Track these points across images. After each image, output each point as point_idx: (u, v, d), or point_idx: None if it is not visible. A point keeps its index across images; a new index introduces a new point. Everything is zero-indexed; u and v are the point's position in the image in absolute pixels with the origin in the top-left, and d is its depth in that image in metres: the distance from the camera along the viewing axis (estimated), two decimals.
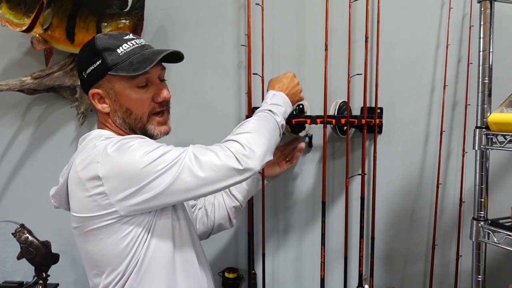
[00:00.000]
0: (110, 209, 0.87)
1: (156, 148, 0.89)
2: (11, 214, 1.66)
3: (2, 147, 1.71)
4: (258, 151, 0.93)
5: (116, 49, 0.95)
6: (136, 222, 0.91)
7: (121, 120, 0.99)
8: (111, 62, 0.94)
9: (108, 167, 0.86)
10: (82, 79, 1.00)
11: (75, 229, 0.97)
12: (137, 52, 0.97)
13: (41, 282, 1.49)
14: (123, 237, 0.91)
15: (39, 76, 1.53)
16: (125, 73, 0.94)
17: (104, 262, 0.93)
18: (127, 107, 0.97)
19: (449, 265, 1.48)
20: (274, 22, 1.51)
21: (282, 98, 1.13)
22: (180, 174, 0.86)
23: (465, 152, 1.40)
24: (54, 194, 1.00)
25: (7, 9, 1.38)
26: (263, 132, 0.98)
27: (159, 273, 0.95)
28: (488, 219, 1.08)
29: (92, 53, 0.95)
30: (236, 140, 0.94)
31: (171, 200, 0.89)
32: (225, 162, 0.89)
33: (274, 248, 1.60)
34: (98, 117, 1.03)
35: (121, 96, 0.97)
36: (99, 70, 0.95)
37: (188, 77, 1.57)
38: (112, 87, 0.96)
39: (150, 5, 1.53)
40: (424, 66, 1.45)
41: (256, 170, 0.92)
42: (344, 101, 1.41)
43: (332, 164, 1.53)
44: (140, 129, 1.00)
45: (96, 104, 0.99)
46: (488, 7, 1.04)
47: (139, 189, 0.86)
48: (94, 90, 0.97)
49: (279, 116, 1.07)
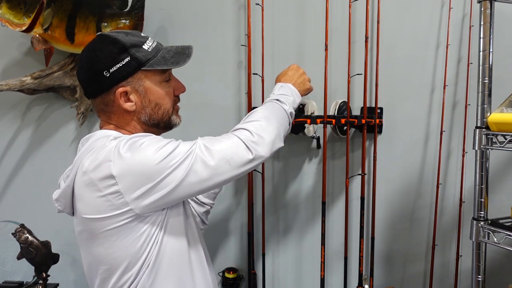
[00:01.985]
0: (124, 209, 0.86)
1: (167, 143, 0.88)
2: (11, 214, 1.66)
3: (2, 147, 1.71)
4: (268, 138, 0.94)
5: (142, 45, 0.94)
6: (151, 221, 0.90)
7: (147, 117, 0.97)
8: (144, 57, 0.93)
9: (121, 166, 0.85)
10: (101, 78, 0.93)
11: (81, 233, 0.94)
12: (160, 48, 0.98)
13: (41, 282, 1.49)
14: (138, 237, 0.89)
15: (39, 76, 1.53)
16: (165, 66, 0.95)
17: (116, 264, 0.91)
18: (156, 102, 0.97)
19: (449, 265, 1.48)
20: (274, 22, 1.51)
21: (290, 88, 1.13)
22: (193, 166, 0.86)
23: (465, 152, 1.40)
24: (58, 198, 0.96)
25: (7, 9, 1.38)
26: (272, 119, 0.99)
27: (173, 271, 0.94)
28: (488, 219, 1.08)
29: (117, 51, 0.92)
30: (245, 128, 0.95)
31: (187, 193, 0.89)
32: (235, 150, 0.89)
33: (274, 248, 1.60)
34: (114, 116, 0.98)
35: (151, 92, 0.96)
36: (130, 66, 0.92)
37: (188, 77, 1.56)
38: (142, 83, 0.95)
39: (150, 5, 1.53)
40: (424, 66, 1.45)
41: (266, 157, 0.93)
42: (344, 101, 1.41)
43: (332, 164, 1.53)
44: (165, 122, 1.00)
45: (122, 103, 0.95)
46: (488, 7, 1.04)
47: (154, 185, 0.85)
48: (122, 88, 0.93)
49: (287, 104, 1.07)
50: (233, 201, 1.61)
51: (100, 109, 0.99)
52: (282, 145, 1.00)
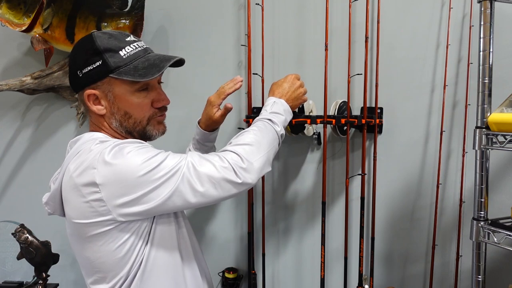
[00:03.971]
0: (107, 216, 0.86)
1: (154, 155, 0.86)
2: (11, 214, 1.66)
3: (2, 147, 1.71)
4: (257, 164, 0.92)
5: (118, 51, 0.92)
6: (134, 229, 0.90)
7: (118, 123, 0.96)
8: (114, 64, 0.91)
9: (105, 174, 0.83)
10: (76, 78, 0.94)
11: (71, 235, 0.95)
12: (140, 55, 0.95)
13: (41, 282, 1.49)
14: (122, 245, 0.89)
15: (39, 76, 1.53)
16: (130, 77, 0.91)
17: (105, 268, 0.91)
18: (125, 111, 0.95)
19: (449, 265, 1.48)
20: (274, 22, 1.51)
21: (283, 105, 1.10)
22: (179, 186, 0.85)
23: (465, 152, 1.40)
24: (47, 201, 0.96)
25: (7, 9, 1.38)
26: (263, 144, 0.97)
27: (162, 281, 0.95)
28: (488, 219, 1.08)
29: (91, 53, 0.91)
30: (235, 152, 0.92)
31: (169, 210, 0.89)
32: (223, 175, 0.87)
33: (274, 248, 1.60)
34: (91, 118, 0.99)
35: (120, 100, 0.94)
36: (99, 71, 0.91)
37: (188, 77, 1.57)
38: (111, 89, 0.93)
39: (150, 5, 1.53)
40: (424, 66, 1.45)
41: (253, 184, 0.91)
42: (344, 101, 1.41)
43: (332, 164, 1.53)
44: (138, 132, 0.98)
45: (91, 105, 0.95)
46: (488, 7, 1.04)
47: (138, 198, 0.84)
48: (90, 90, 0.93)
49: (279, 125, 1.05)
50: (233, 201, 1.61)
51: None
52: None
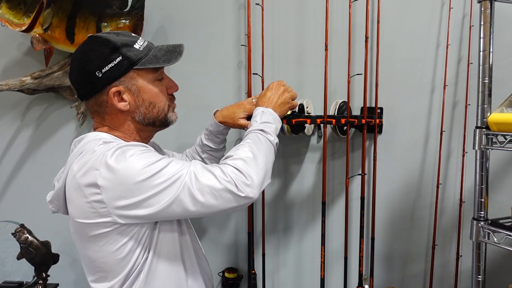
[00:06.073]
0: (107, 218, 0.86)
1: (156, 160, 0.87)
2: (11, 214, 1.66)
3: (2, 147, 1.71)
4: (257, 179, 0.91)
5: (133, 45, 0.95)
6: (133, 233, 0.90)
7: (141, 116, 0.98)
8: (136, 57, 0.93)
9: (106, 176, 0.84)
10: (94, 78, 0.93)
11: (74, 234, 0.96)
12: (152, 47, 0.99)
13: (41, 282, 1.49)
14: (122, 247, 0.90)
15: (39, 76, 1.53)
16: (156, 65, 0.95)
17: (107, 268, 0.92)
18: (150, 101, 0.98)
19: (449, 265, 1.48)
20: (274, 22, 1.51)
21: (271, 114, 1.09)
22: (180, 195, 0.85)
23: (465, 152, 1.40)
24: (51, 200, 0.98)
25: (7, 9, 1.38)
26: (261, 157, 0.96)
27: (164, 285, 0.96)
28: (488, 219, 1.08)
29: (108, 51, 0.92)
30: (235, 167, 0.91)
31: (169, 217, 0.90)
32: (225, 186, 0.87)
33: (274, 248, 1.60)
34: (108, 118, 0.98)
35: (145, 91, 0.97)
36: (122, 66, 0.93)
37: (188, 77, 1.57)
38: (135, 82, 0.95)
39: (150, 5, 1.53)
40: (424, 66, 1.44)
41: (254, 198, 0.91)
42: (344, 101, 1.41)
43: (332, 164, 1.53)
44: (161, 120, 1.01)
45: (116, 103, 0.95)
46: (488, 7, 1.04)
47: (138, 202, 0.85)
48: (115, 88, 0.94)
49: (272, 134, 1.04)
50: None
51: (93, 111, 0.99)
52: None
